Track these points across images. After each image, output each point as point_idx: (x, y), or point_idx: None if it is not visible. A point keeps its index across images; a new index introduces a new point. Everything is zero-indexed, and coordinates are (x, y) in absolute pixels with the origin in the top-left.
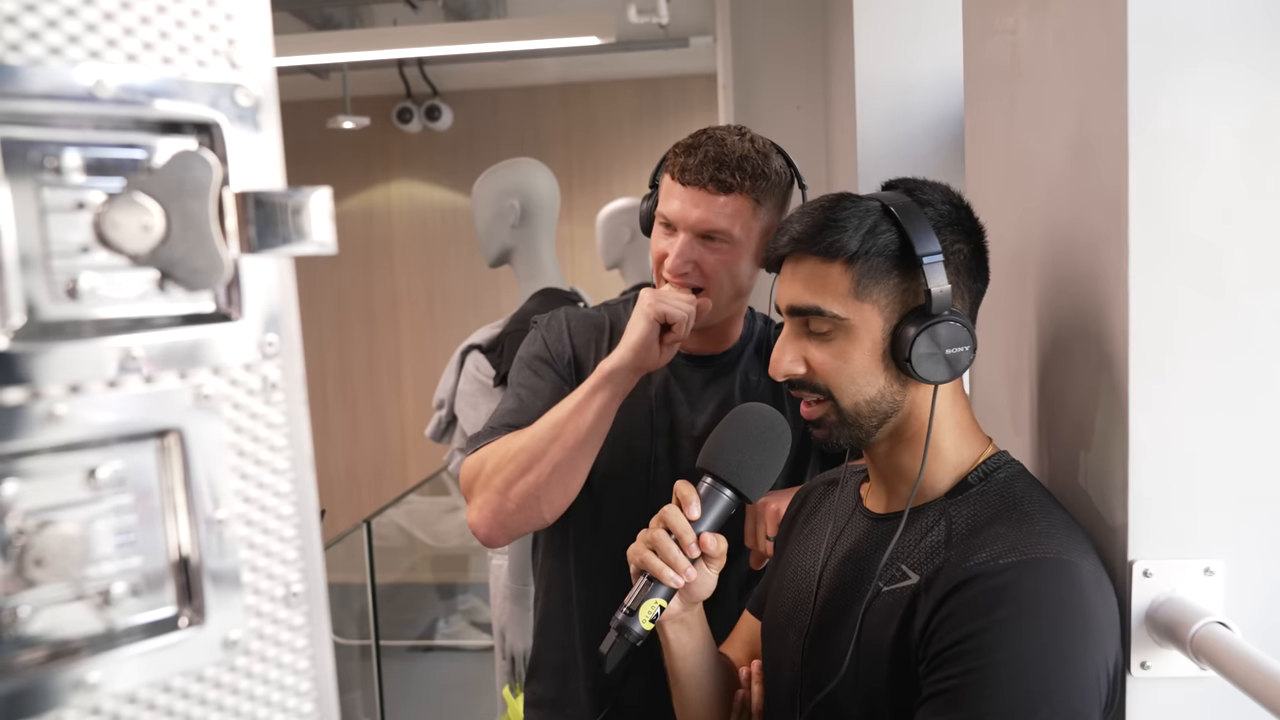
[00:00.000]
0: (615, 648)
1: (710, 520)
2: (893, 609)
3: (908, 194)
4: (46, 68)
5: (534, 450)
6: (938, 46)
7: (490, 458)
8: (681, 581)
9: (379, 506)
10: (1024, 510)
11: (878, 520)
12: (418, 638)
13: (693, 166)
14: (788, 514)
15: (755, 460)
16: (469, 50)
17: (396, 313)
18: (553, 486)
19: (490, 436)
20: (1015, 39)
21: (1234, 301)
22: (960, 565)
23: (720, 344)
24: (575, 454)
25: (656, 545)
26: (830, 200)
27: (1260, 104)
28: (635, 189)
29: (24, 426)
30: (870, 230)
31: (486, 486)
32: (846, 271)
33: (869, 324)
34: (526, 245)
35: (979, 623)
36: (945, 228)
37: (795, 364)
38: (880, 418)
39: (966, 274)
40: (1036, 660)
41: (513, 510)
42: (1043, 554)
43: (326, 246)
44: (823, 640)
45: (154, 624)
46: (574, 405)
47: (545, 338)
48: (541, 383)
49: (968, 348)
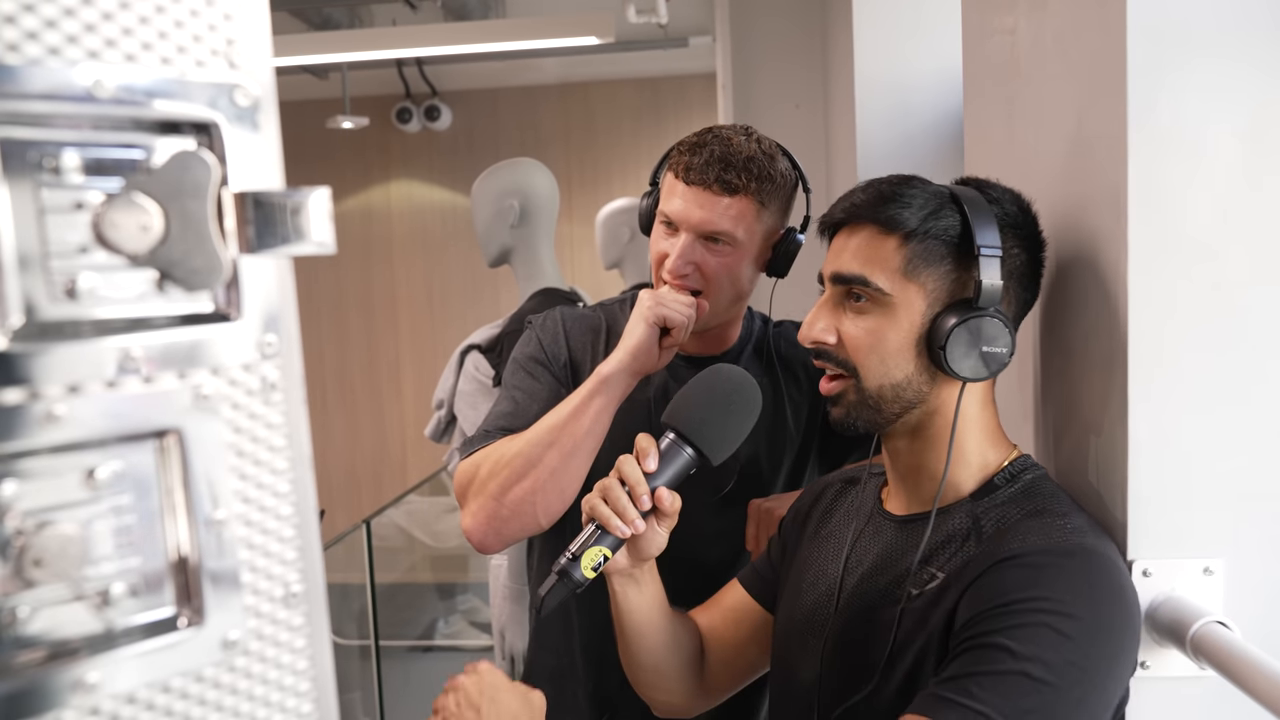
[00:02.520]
0: (553, 592)
1: (667, 476)
2: (924, 612)
3: (978, 189)
4: (45, 68)
5: (530, 456)
6: (937, 46)
7: (485, 463)
8: (628, 532)
9: (378, 507)
10: (1055, 510)
11: (901, 523)
12: (417, 638)
13: (698, 165)
14: (800, 509)
15: (719, 420)
16: (468, 50)
17: (396, 313)
18: (549, 492)
19: (485, 440)
20: (1014, 39)
21: (1233, 299)
22: (993, 555)
23: (719, 345)
24: (572, 459)
25: (608, 494)
26: (899, 178)
27: (1259, 102)
28: (634, 189)
29: (23, 427)
30: (934, 212)
31: (481, 492)
32: (901, 247)
33: (911, 306)
34: (526, 245)
35: (1019, 593)
36: (1009, 229)
37: (827, 333)
38: (903, 406)
39: (1018, 281)
40: (1082, 635)
41: (508, 516)
42: (1079, 543)
43: (326, 246)
44: (847, 648)
45: (153, 624)
46: (571, 409)
47: (540, 339)
48: (537, 385)
49: (1005, 350)
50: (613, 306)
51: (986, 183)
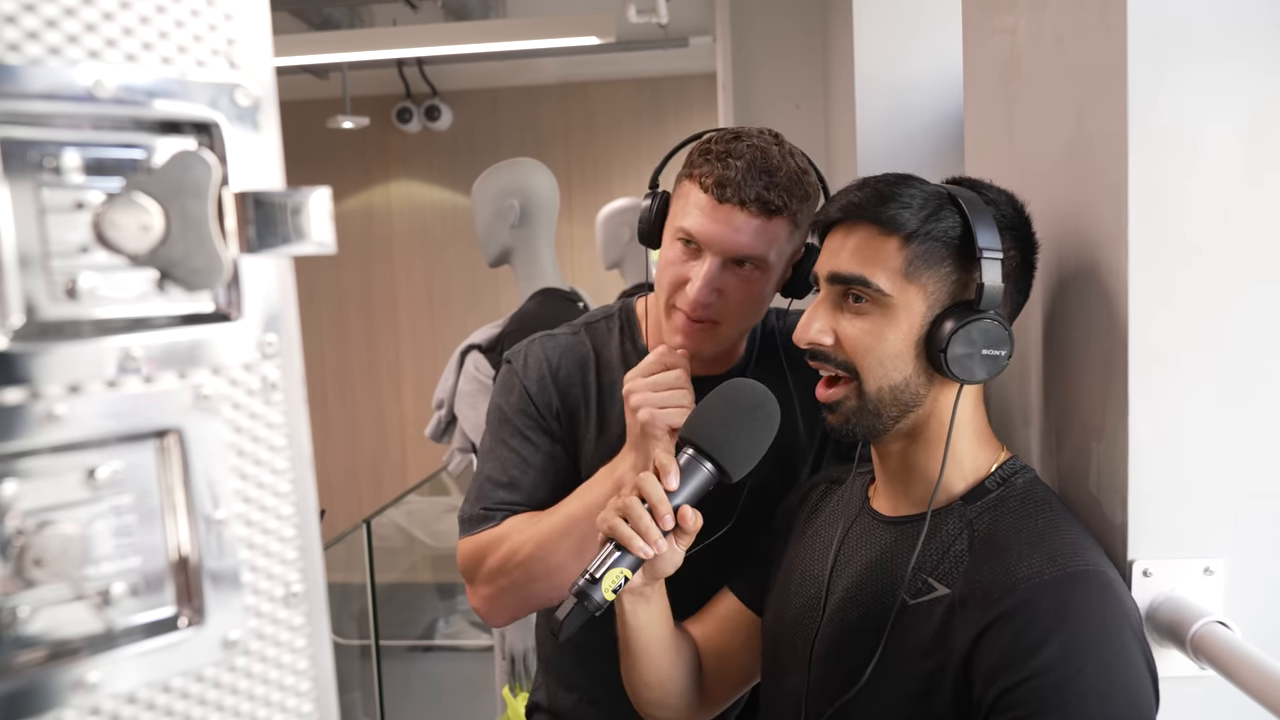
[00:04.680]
0: (573, 616)
1: (687, 493)
2: (923, 623)
3: (973, 190)
4: (46, 67)
5: (544, 559)
6: (937, 46)
7: (491, 553)
8: (651, 552)
9: (379, 506)
10: (1048, 518)
11: (890, 524)
12: (417, 638)
13: (732, 181)
14: (788, 510)
15: (741, 436)
16: (468, 50)
17: (396, 312)
18: (562, 581)
19: (486, 522)
20: (1014, 38)
21: (1233, 298)
22: (1002, 582)
23: (725, 363)
24: (586, 552)
25: (628, 513)
26: (895, 176)
27: (1259, 101)
28: (635, 189)
29: (23, 426)
30: (933, 213)
31: (489, 582)
32: (902, 248)
33: (911, 308)
34: (526, 245)
35: (1047, 654)
36: (1006, 230)
37: (823, 334)
38: (901, 409)
39: (1013, 282)
40: (1119, 679)
41: (517, 604)
42: (1081, 565)
43: (326, 246)
44: (836, 650)
45: (153, 624)
46: (583, 506)
47: (526, 387)
48: (531, 448)
49: (1004, 353)
50: (598, 325)
51: (980, 183)
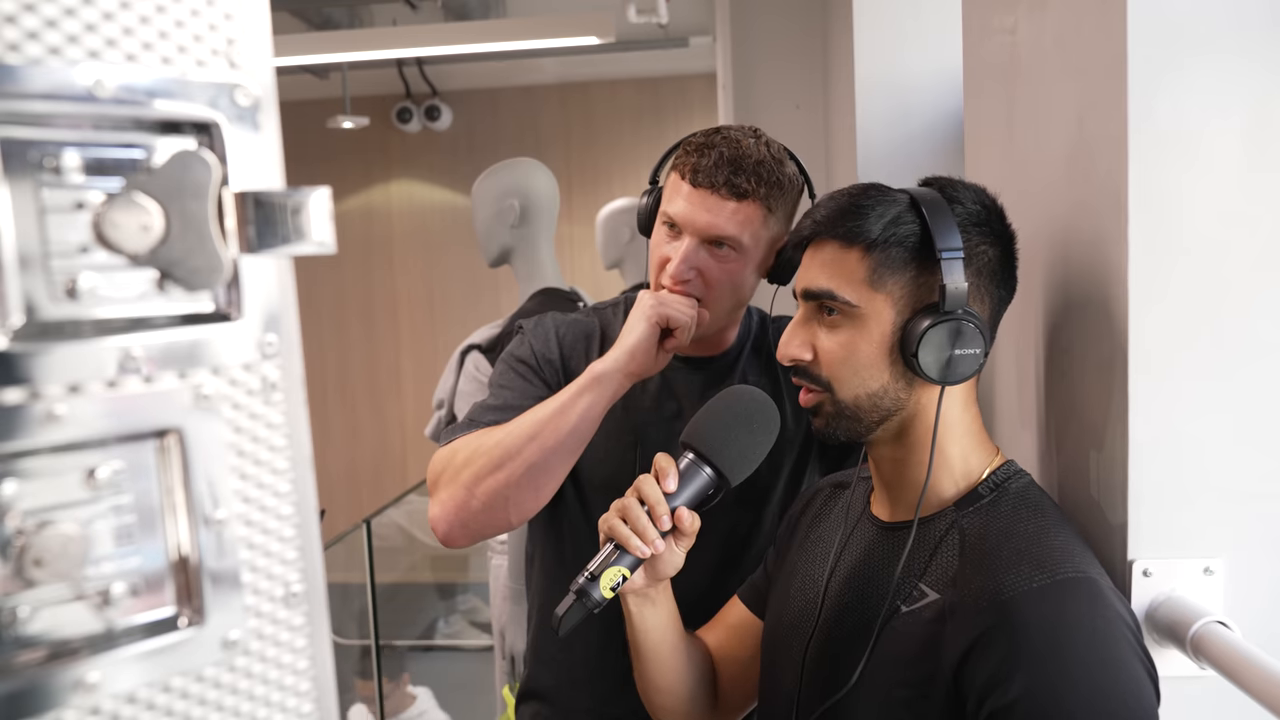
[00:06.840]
0: (571, 612)
1: (686, 496)
2: (914, 629)
3: (939, 191)
4: (46, 67)
5: (509, 447)
6: (937, 46)
7: (462, 450)
8: (648, 552)
9: (379, 506)
10: (1039, 524)
11: (885, 529)
12: (418, 638)
13: (705, 168)
14: (793, 515)
15: (740, 441)
16: (468, 50)
17: (396, 313)
18: (524, 488)
19: (465, 429)
20: (1014, 39)
21: (1233, 300)
22: (989, 590)
23: (717, 346)
24: (552, 455)
25: (627, 513)
26: (858, 188)
27: (1260, 102)
28: (635, 189)
29: (23, 426)
30: (893, 220)
31: (453, 481)
32: (864, 259)
33: (880, 315)
34: (526, 245)
35: (1042, 672)
36: (972, 227)
37: (802, 350)
38: (881, 414)
39: (990, 278)
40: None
41: (478, 509)
42: (1069, 572)
43: (326, 246)
44: (830, 654)
45: (153, 624)
46: (558, 405)
47: (532, 342)
48: (524, 382)
49: (977, 351)
50: (606, 310)
51: (949, 181)
